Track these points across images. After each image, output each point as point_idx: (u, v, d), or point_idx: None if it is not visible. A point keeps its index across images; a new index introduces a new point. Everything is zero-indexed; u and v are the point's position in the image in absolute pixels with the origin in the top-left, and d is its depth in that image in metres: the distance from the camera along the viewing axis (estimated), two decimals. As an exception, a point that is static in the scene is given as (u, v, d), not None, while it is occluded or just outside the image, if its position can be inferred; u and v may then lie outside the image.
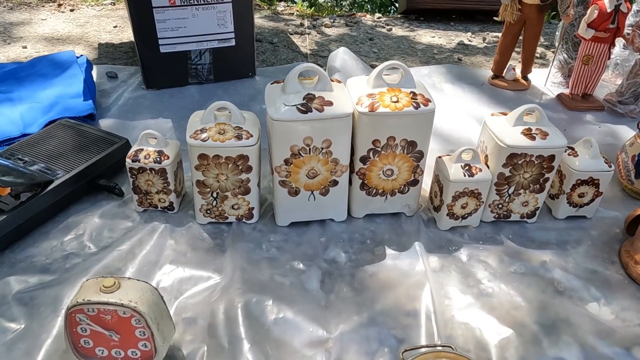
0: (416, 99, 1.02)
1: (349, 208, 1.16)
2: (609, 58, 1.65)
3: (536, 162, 1.06)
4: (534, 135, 1.06)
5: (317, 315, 0.89)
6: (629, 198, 1.28)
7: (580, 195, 1.15)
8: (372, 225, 1.14)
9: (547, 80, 1.84)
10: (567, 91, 1.76)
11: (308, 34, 2.26)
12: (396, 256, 1.05)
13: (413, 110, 1.00)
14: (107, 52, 1.99)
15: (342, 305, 0.93)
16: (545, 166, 1.07)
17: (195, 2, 1.58)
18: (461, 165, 1.08)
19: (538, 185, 1.11)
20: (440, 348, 0.79)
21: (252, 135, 1.03)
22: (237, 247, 1.05)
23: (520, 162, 1.06)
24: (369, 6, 4.12)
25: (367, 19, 2.51)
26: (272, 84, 1.07)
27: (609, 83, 1.85)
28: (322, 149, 1.01)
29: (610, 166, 1.13)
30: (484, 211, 1.15)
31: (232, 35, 1.68)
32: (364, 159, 1.07)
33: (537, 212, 1.16)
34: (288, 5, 2.84)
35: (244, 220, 1.13)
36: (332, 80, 1.06)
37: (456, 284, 0.99)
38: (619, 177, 1.30)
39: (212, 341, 0.84)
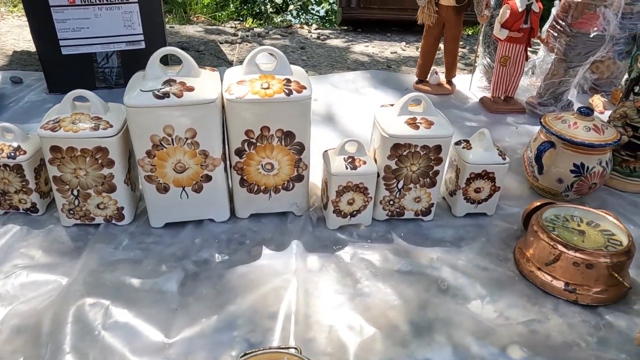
0: (289, 86, 0.95)
1: (233, 208, 1.08)
2: (527, 59, 1.62)
3: (422, 153, 1.00)
4: (418, 124, 1.00)
5: (160, 319, 0.80)
6: (536, 195, 1.23)
7: (477, 191, 1.09)
8: (257, 226, 1.06)
9: (471, 84, 1.81)
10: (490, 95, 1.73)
11: (239, 42, 2.22)
12: (272, 256, 0.97)
13: (285, 98, 0.94)
14: (20, 60, 1.90)
15: (197, 307, 0.84)
16: (432, 158, 1.01)
17: (98, 2, 1.52)
18: (344, 158, 1.02)
19: (428, 179, 1.04)
20: (282, 350, 0.70)
21: (111, 126, 0.94)
22: (95, 249, 0.95)
23: (405, 153, 1.00)
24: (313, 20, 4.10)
25: (304, 30, 2.49)
26: (138, 73, 1.00)
27: (532, 87, 1.83)
28: (187, 139, 0.94)
29: (504, 159, 1.07)
30: (376, 209, 1.08)
31: (142, 37, 1.61)
32: (239, 152, 0.99)
33: (432, 209, 1.09)
34: (239, 23, 2.80)
35: (113, 221, 1.03)
36: (206, 69, 1.00)
37: (332, 284, 0.91)
38: (525, 174, 1.25)
39: (32, 351, 0.74)
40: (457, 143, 1.12)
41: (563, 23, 1.51)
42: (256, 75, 0.97)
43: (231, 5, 3.68)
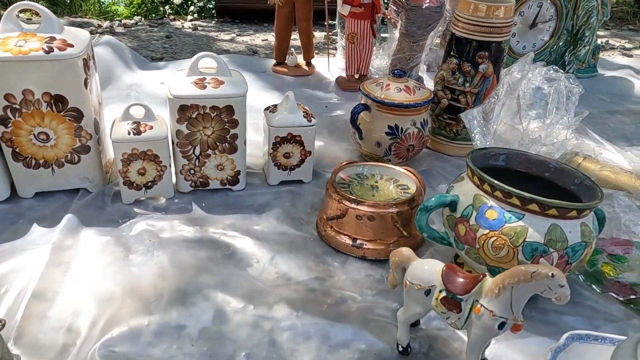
0: (51, 44, 0.86)
1: (15, 187, 0.97)
2: (375, 36, 1.62)
3: (213, 114, 0.94)
4: (206, 84, 0.94)
5: None
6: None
7: (286, 156, 1.04)
8: (40, 204, 0.95)
9: (328, 65, 1.79)
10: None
11: (101, 33, 2.09)
12: (37, 233, 0.87)
13: (43, 55, 0.84)
14: None
15: None
16: (226, 120, 0.95)
17: None
18: (128, 124, 0.94)
19: (227, 144, 0.98)
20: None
21: None
22: None
23: (194, 115, 0.93)
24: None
25: (178, 20, 2.40)
26: None
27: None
28: None
29: (310, 120, 1.03)
30: (178, 180, 1.01)
31: None
32: (3, 121, 0.89)
33: (240, 177, 1.03)
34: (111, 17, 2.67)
35: None
36: None
37: (99, 257, 0.82)
38: (353, 142, 1.23)
39: None
40: (266, 108, 1.07)
41: (401, -3, 1.52)
42: (15, 34, 0.88)
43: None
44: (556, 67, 1.16)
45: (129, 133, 0.92)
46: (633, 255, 0.83)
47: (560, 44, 1.92)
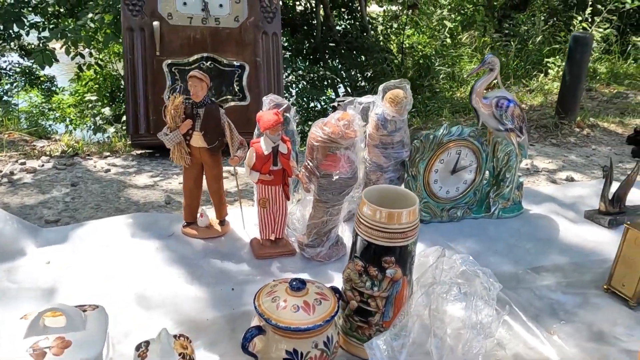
0: None
1: None
2: (288, 198, 1.52)
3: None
4: (46, 350, 0.76)
5: None
6: None
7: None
8: None
9: (243, 223, 1.66)
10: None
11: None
12: None
13: None
14: None
15: None
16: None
17: None
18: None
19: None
20: None
21: None
22: None
23: (29, 391, 0.75)
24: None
25: (92, 158, 2.25)
26: None
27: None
28: None
29: (187, 366, 0.87)
30: None
31: None
32: None
33: None
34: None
35: None
36: None
37: None
38: None
39: None
40: (137, 348, 0.90)
41: (312, 164, 1.44)
42: None
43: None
44: (472, 260, 1.09)
45: None
46: None
47: (484, 183, 1.90)
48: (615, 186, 1.86)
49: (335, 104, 1.68)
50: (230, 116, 1.55)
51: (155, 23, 2.17)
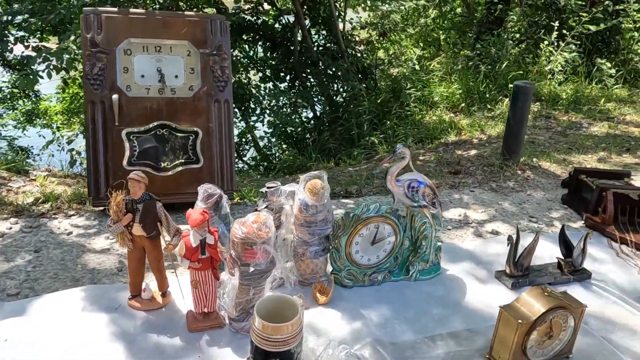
0: None
1: None
2: (218, 278, 1.75)
3: None
4: None
5: None
6: None
7: None
8: None
9: (182, 294, 1.89)
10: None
11: (-33, 250, 2.12)
12: None
13: None
14: None
15: None
16: None
17: None
18: None
19: None
20: None
21: None
22: None
23: None
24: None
25: (58, 217, 2.46)
26: None
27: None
28: None
29: None
30: None
31: None
32: None
33: None
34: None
35: None
36: None
37: None
38: None
39: None
40: None
41: (234, 254, 1.67)
42: None
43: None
44: (354, 353, 1.30)
45: None
46: None
47: (405, 248, 2.14)
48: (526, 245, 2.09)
49: (264, 189, 1.90)
50: (183, 178, 1.78)
51: (115, 96, 2.38)
